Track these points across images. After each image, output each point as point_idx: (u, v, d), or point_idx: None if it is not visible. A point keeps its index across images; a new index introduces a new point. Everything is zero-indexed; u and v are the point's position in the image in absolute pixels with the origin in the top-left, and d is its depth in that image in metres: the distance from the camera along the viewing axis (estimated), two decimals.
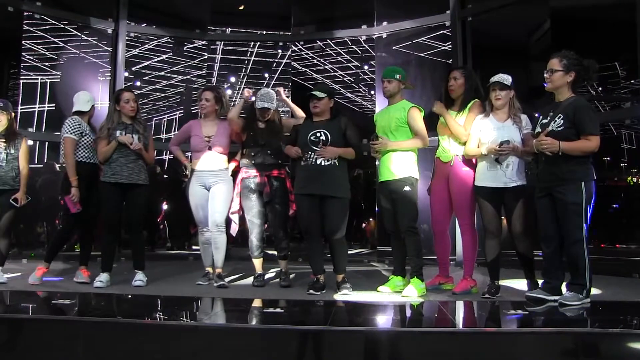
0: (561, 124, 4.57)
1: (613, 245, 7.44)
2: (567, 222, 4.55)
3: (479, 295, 5.17)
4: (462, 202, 5.37)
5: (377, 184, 5.68)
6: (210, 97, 6.10)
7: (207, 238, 6.06)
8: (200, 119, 6.28)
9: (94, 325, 3.88)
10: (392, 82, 5.55)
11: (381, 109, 5.85)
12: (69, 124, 5.89)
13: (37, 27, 8.66)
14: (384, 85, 5.59)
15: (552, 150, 4.51)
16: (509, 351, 3.55)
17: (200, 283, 6.00)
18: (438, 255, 5.69)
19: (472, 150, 5.25)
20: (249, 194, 5.88)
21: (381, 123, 5.58)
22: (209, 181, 5.96)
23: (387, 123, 5.50)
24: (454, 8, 8.71)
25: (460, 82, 5.48)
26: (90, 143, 5.92)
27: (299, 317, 4.62)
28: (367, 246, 9.82)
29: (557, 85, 4.72)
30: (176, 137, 6.52)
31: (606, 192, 7.48)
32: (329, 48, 9.77)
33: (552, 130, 4.59)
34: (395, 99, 5.58)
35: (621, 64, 7.23)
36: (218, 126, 6.05)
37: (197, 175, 6.00)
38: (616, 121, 7.17)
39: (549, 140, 4.51)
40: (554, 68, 4.70)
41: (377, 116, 5.78)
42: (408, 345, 3.60)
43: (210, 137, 5.98)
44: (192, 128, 6.15)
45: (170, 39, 9.83)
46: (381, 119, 5.63)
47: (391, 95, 5.58)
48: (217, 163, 5.99)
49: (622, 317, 4.52)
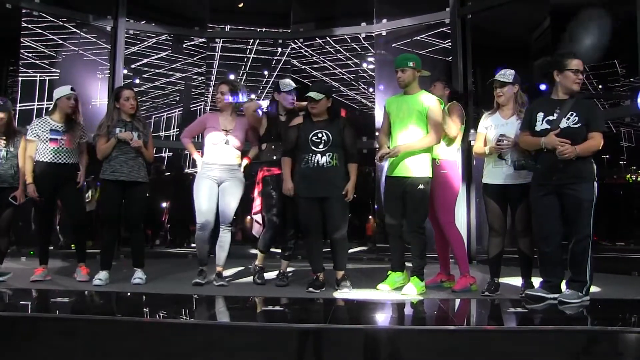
0: (577, 120, 4.58)
1: (612, 243, 7.43)
2: (579, 219, 4.56)
3: (478, 293, 5.17)
4: (443, 203, 5.44)
5: (386, 177, 5.52)
6: (225, 90, 5.94)
7: (206, 235, 5.87)
8: (217, 113, 6.08)
9: (93, 323, 3.88)
10: (406, 70, 5.33)
11: (395, 95, 5.62)
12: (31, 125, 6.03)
13: (35, 25, 8.65)
14: (398, 76, 5.38)
15: (572, 157, 4.51)
16: (509, 349, 3.54)
17: (199, 281, 5.76)
18: (439, 253, 5.72)
19: (478, 149, 5.27)
20: (271, 192, 5.78)
21: (395, 111, 5.41)
22: (221, 176, 5.81)
23: (404, 113, 5.33)
24: (454, 5, 8.71)
25: (447, 92, 5.72)
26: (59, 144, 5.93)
27: (299, 315, 4.61)
28: (367, 244, 9.81)
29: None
30: (189, 128, 6.28)
31: (606, 190, 7.47)
32: (328, 45, 9.76)
33: (569, 127, 4.59)
34: (412, 89, 5.38)
35: (621, 61, 7.23)
36: (237, 121, 5.94)
37: (208, 168, 5.83)
38: (616, 119, 7.16)
39: (569, 149, 4.50)
40: (581, 69, 4.73)
41: (390, 102, 5.54)
42: (407, 343, 3.59)
43: (229, 130, 5.85)
44: (208, 120, 5.99)
45: (169, 37, 9.82)
46: (396, 107, 5.43)
47: (407, 85, 5.37)
48: (232, 158, 5.85)
49: (622, 314, 4.52)
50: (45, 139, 5.85)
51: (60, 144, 5.90)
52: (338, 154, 5.34)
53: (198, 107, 9.72)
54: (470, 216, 8.16)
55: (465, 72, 8.54)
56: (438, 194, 5.42)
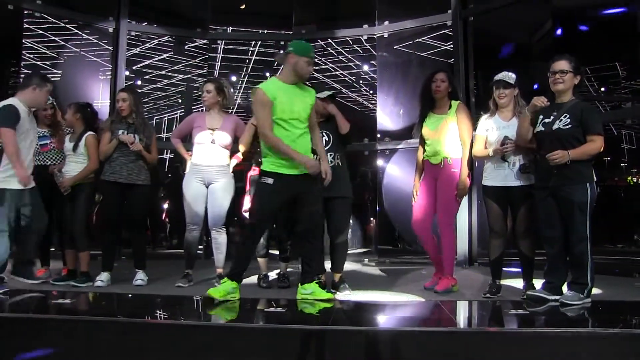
0: (568, 122, 4.59)
1: (614, 245, 7.44)
2: (573, 221, 4.57)
3: (479, 295, 5.17)
4: (448, 202, 5.42)
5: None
6: (211, 88, 5.85)
7: (195, 237, 5.87)
8: (204, 112, 6.01)
9: (94, 324, 3.89)
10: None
11: None
12: None
13: (37, 26, 8.65)
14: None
15: (563, 162, 4.51)
16: (510, 351, 3.55)
17: (181, 285, 5.72)
18: (430, 255, 5.70)
19: (480, 151, 5.26)
20: None
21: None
22: (209, 177, 5.77)
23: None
24: (456, 8, 8.71)
25: (446, 84, 5.53)
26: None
27: (300, 316, 4.60)
28: (368, 245, 9.80)
29: (569, 86, 4.73)
30: (178, 129, 6.32)
31: (607, 192, 7.49)
32: (330, 47, 9.77)
33: (559, 129, 4.61)
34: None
35: (622, 64, 7.24)
36: (224, 119, 5.87)
37: (195, 170, 5.79)
38: (617, 121, 7.17)
39: (559, 154, 4.51)
40: (565, 69, 4.70)
41: None
42: (409, 345, 3.60)
43: (215, 129, 5.78)
44: (195, 120, 5.92)
45: (171, 38, 9.82)
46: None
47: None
48: (219, 158, 5.79)
49: (623, 316, 4.51)
50: (37, 147, 5.87)
51: (50, 147, 6.05)
52: (340, 153, 5.35)
53: (200, 108, 9.70)
54: (472, 218, 8.15)
55: (467, 74, 8.53)
56: (446, 193, 5.41)
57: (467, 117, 5.50)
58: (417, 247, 5.83)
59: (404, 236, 6.33)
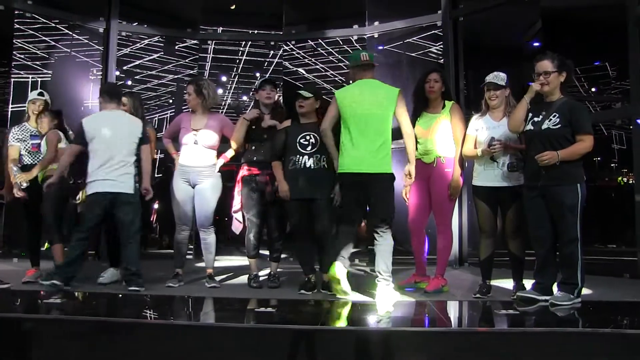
0: (557, 122, 4.60)
1: (604, 246, 7.46)
2: (563, 222, 4.59)
3: (470, 295, 5.18)
4: (442, 202, 5.43)
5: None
6: (190, 90, 5.86)
7: (184, 237, 5.86)
8: (191, 113, 5.99)
9: (85, 324, 3.88)
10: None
11: None
12: None
13: (28, 26, 8.63)
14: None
15: (552, 162, 4.53)
16: (500, 351, 3.55)
17: (171, 285, 5.70)
18: (415, 254, 5.70)
19: (469, 151, 5.26)
20: (250, 193, 5.73)
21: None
22: (194, 178, 5.76)
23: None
24: (446, 8, 8.73)
25: (439, 84, 5.54)
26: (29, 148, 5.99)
27: (291, 316, 4.61)
28: (359, 246, 9.78)
29: (555, 85, 4.74)
30: (167, 129, 6.37)
31: (597, 193, 7.51)
32: (320, 48, 9.77)
33: (549, 128, 4.62)
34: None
35: (612, 64, 7.27)
36: (208, 119, 5.84)
37: (181, 171, 5.79)
38: (607, 122, 7.20)
39: (548, 155, 4.53)
40: (548, 70, 4.71)
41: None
42: (399, 345, 3.60)
43: (198, 130, 5.78)
44: (182, 121, 5.93)
45: (161, 38, 9.81)
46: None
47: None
48: (204, 159, 5.78)
49: (613, 317, 4.53)
50: (28, 145, 5.93)
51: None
52: (325, 156, 5.34)
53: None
54: (462, 218, 8.16)
55: (457, 74, 8.55)
56: (441, 193, 5.42)
57: (461, 117, 5.51)
58: (409, 247, 5.80)
59: (395, 236, 6.22)
